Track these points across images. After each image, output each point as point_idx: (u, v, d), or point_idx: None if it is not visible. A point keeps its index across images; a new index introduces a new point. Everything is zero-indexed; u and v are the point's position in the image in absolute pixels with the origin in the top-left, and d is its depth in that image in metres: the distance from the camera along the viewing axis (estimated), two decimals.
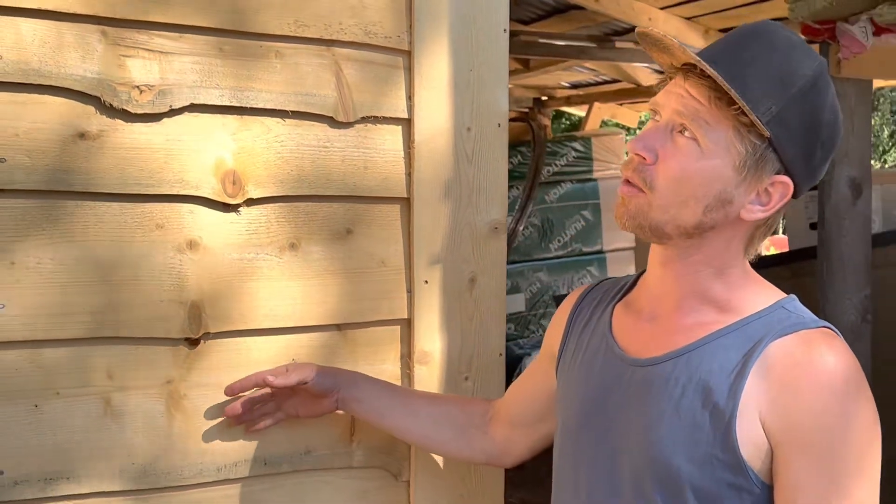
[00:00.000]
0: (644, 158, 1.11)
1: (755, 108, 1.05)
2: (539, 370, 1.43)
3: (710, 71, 1.04)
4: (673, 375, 1.11)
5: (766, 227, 1.16)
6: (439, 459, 1.59)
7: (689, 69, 1.10)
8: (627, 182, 1.13)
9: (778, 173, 1.10)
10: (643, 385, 1.15)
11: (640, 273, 1.30)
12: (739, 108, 1.05)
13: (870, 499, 1.03)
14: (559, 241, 6.11)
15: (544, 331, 5.59)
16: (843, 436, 1.02)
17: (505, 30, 1.58)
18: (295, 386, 1.41)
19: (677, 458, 1.08)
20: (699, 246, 1.14)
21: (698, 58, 1.06)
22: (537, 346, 5.78)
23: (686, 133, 1.09)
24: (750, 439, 1.05)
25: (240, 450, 1.46)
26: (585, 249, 6.20)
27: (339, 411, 1.48)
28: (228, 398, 1.42)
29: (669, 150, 1.10)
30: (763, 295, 1.16)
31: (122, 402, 1.37)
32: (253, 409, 1.44)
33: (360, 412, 1.48)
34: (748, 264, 1.18)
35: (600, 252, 6.28)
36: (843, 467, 1.02)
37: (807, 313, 1.13)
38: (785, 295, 1.16)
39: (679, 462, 1.07)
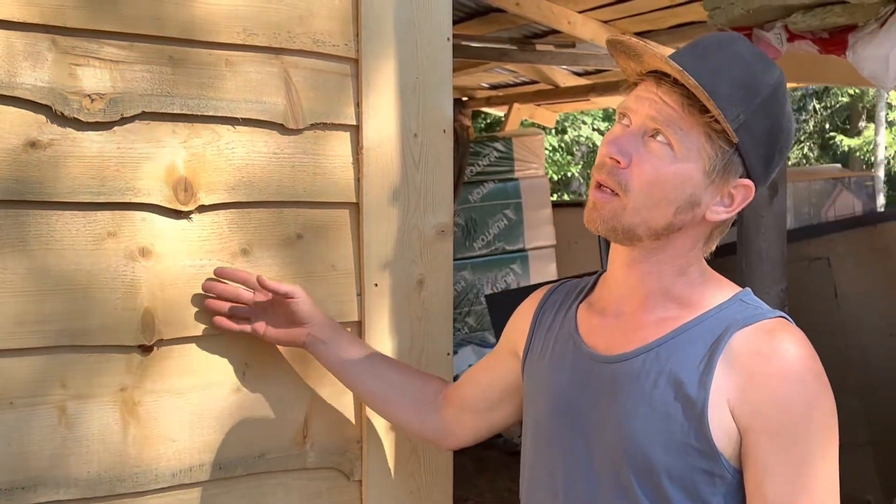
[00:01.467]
0: (618, 162, 1.15)
1: (726, 116, 1.11)
2: (497, 362, 1.47)
3: (690, 81, 1.09)
4: (644, 370, 1.17)
5: (723, 227, 1.22)
6: (391, 458, 1.63)
7: (660, 76, 1.15)
8: (599, 186, 1.17)
9: (741, 177, 1.16)
10: (614, 380, 1.19)
11: (600, 274, 1.36)
12: (711, 114, 1.11)
13: (832, 475, 1.10)
14: (483, 239, 6.21)
15: (469, 329, 5.64)
16: (806, 419, 1.09)
17: (448, 38, 1.63)
18: (282, 296, 1.44)
19: (653, 448, 1.13)
20: (664, 246, 1.19)
21: (677, 66, 1.10)
22: (462, 343, 5.85)
23: (659, 138, 1.13)
24: (720, 427, 1.11)
25: (194, 455, 1.47)
26: (508, 248, 6.31)
27: (302, 347, 1.50)
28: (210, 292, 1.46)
29: (643, 154, 1.14)
30: (721, 289, 1.22)
31: (76, 411, 1.37)
32: (228, 307, 1.45)
33: (325, 356, 1.49)
34: (704, 261, 1.25)
35: (522, 250, 6.39)
36: (807, 448, 1.08)
37: (762, 304, 1.19)
38: (740, 288, 1.23)
39: (654, 452, 1.13)
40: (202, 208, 1.45)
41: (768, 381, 1.10)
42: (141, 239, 1.40)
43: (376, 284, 1.59)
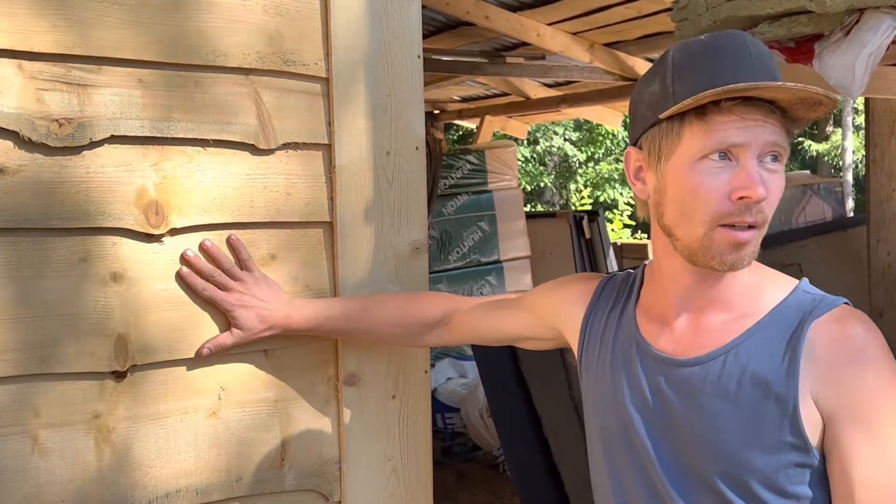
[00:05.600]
0: (765, 198, 1.12)
1: None
2: (523, 316, 1.49)
3: (836, 99, 1.09)
4: (724, 371, 1.16)
5: None
6: (369, 478, 1.61)
7: (749, 100, 1.11)
8: (733, 227, 1.13)
9: None
10: (692, 383, 1.18)
11: (643, 269, 1.34)
12: (788, 116, 1.12)
13: None
14: (458, 252, 6.20)
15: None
16: (883, 398, 1.10)
17: (419, 56, 1.63)
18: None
19: (745, 449, 1.13)
20: None
21: (815, 89, 1.07)
22: (440, 356, 5.84)
23: (779, 158, 1.13)
24: (808, 419, 1.11)
25: (171, 481, 1.45)
26: (483, 260, 6.31)
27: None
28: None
29: (771, 179, 1.13)
30: (780, 282, 1.22)
31: (49, 439, 1.35)
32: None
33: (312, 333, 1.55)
34: None
35: (497, 262, 6.39)
36: (887, 426, 1.09)
37: (822, 293, 1.19)
38: (794, 279, 1.23)
39: (747, 453, 1.13)
40: (174, 231, 1.44)
41: (846, 368, 1.11)
42: (113, 264, 1.39)
43: None
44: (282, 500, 1.56)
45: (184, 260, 1.45)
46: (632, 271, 1.38)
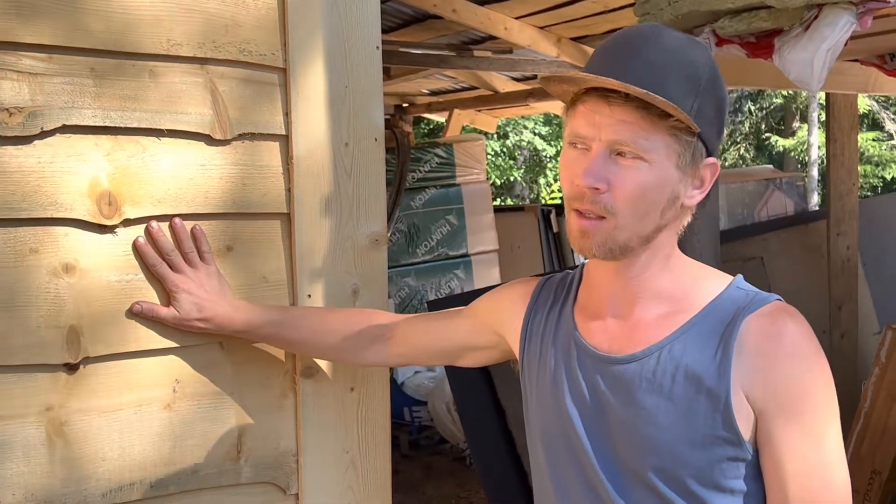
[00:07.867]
0: (597, 189, 1.14)
1: (684, 111, 1.11)
2: (464, 325, 1.48)
3: (658, 100, 1.08)
4: (659, 368, 1.18)
5: (691, 207, 1.23)
6: (327, 470, 1.61)
7: (607, 92, 1.12)
8: (582, 215, 1.16)
9: (705, 156, 1.18)
10: (627, 380, 1.20)
11: (581, 269, 1.35)
12: (673, 117, 1.11)
13: (840, 439, 1.15)
14: (426, 245, 6.21)
15: None
16: (814, 391, 1.13)
17: (378, 47, 1.62)
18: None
19: (679, 444, 1.15)
20: (650, 245, 1.20)
21: (636, 88, 1.08)
22: None
23: (627, 155, 1.13)
24: (740, 412, 1.14)
25: (125, 473, 1.44)
26: (451, 253, 6.33)
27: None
28: None
29: (619, 173, 1.13)
30: (713, 279, 1.24)
31: (0, 432, 1.33)
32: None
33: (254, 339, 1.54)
34: (679, 250, 1.25)
35: (466, 255, 6.41)
36: (818, 418, 1.13)
37: (756, 289, 1.22)
38: (728, 275, 1.25)
39: (681, 448, 1.15)
40: (127, 222, 1.42)
41: (777, 362, 1.13)
42: (64, 255, 1.37)
43: (309, 296, 1.58)
44: (238, 493, 1.55)
45: (147, 232, 1.44)
46: (570, 271, 1.39)
